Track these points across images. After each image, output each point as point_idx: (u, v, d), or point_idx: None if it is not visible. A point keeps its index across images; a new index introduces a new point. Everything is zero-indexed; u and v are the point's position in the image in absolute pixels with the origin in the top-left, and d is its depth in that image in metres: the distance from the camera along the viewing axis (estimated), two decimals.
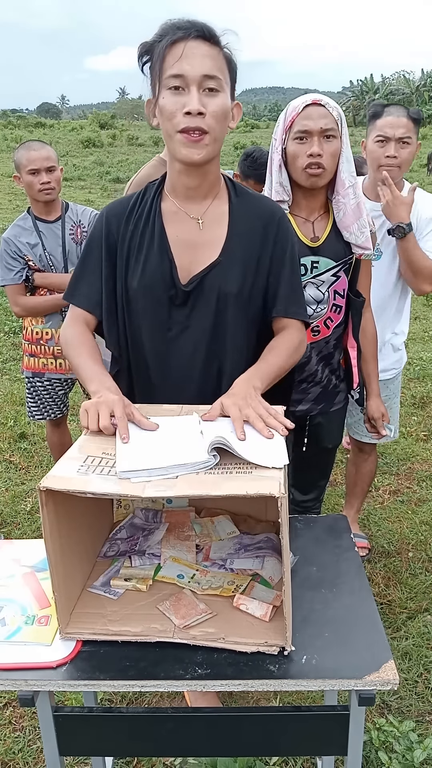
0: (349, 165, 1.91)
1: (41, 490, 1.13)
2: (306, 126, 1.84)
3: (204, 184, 1.54)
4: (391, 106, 2.39)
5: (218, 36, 1.42)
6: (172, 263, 1.54)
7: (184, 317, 1.57)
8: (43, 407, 3.08)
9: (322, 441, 2.25)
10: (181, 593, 1.33)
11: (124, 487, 1.14)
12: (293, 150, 1.88)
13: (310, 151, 1.84)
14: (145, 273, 1.55)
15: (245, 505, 1.58)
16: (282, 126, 1.91)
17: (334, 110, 1.86)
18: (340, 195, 1.93)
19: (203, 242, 1.56)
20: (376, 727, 2.00)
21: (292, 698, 2.16)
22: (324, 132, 1.84)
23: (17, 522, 3.23)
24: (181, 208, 1.56)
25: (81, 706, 2.00)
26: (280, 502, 1.10)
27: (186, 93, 1.39)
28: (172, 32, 1.39)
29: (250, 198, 1.62)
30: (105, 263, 1.58)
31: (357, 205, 1.94)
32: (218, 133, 1.44)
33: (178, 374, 1.59)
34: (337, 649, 1.23)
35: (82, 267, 1.62)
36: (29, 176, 2.78)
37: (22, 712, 2.16)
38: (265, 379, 1.47)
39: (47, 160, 2.78)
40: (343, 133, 1.88)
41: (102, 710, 1.41)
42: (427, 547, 3.00)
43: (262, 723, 1.31)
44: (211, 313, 1.56)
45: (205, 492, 1.12)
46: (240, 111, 1.52)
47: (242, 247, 1.56)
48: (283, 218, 1.60)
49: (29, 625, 1.30)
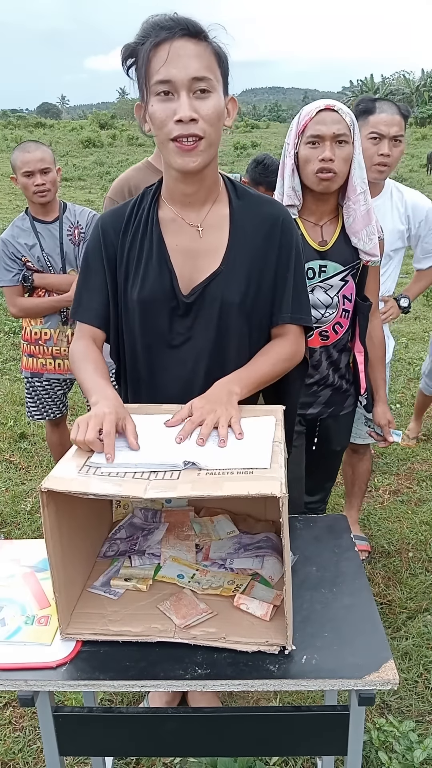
0: (360, 171, 1.92)
1: (42, 491, 1.13)
2: (319, 131, 1.85)
3: (202, 189, 1.49)
4: (383, 102, 2.36)
5: (205, 31, 1.34)
6: (172, 274, 1.51)
7: (185, 329, 1.53)
8: (43, 407, 3.08)
9: (331, 443, 2.26)
10: (181, 593, 1.33)
11: (125, 489, 1.14)
12: (305, 154, 1.89)
13: (322, 156, 1.85)
14: (145, 284, 1.51)
15: (245, 504, 1.58)
16: (295, 130, 1.92)
17: (347, 116, 1.86)
18: (351, 201, 1.94)
19: (203, 250, 1.51)
20: (376, 727, 2.00)
21: (292, 698, 2.16)
22: (336, 137, 1.85)
23: (17, 522, 3.23)
24: (180, 216, 1.52)
25: (81, 706, 2.00)
26: (282, 502, 1.10)
27: (176, 99, 1.33)
28: (155, 33, 1.32)
29: (253, 200, 1.57)
30: (108, 276, 1.55)
31: (367, 211, 1.95)
32: (213, 137, 1.39)
33: (179, 386, 1.55)
34: (337, 649, 1.23)
35: (83, 282, 1.58)
36: (24, 178, 2.77)
37: (22, 712, 2.16)
38: (246, 385, 1.45)
39: (41, 162, 2.75)
40: (355, 138, 1.88)
41: (102, 710, 1.41)
42: (427, 547, 3.00)
43: (262, 723, 1.31)
44: (214, 324, 1.52)
45: (207, 492, 1.12)
46: (235, 106, 1.46)
47: (245, 253, 1.51)
48: (286, 221, 1.55)
49: (29, 625, 1.30)
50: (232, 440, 1.29)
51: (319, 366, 2.08)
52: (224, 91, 1.41)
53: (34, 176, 2.76)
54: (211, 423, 1.31)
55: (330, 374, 2.12)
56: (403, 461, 3.78)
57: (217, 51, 1.37)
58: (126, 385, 1.65)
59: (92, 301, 1.57)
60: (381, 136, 2.32)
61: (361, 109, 2.39)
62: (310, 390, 2.12)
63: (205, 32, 1.35)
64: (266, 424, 1.36)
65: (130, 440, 1.27)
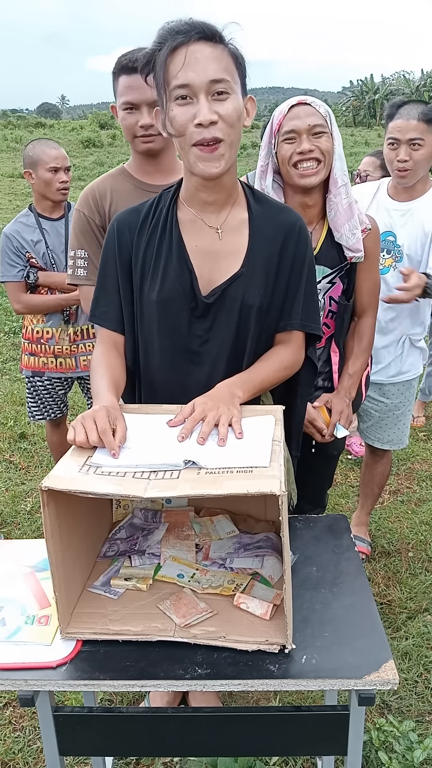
0: (341, 162, 1.87)
1: (43, 490, 1.13)
2: (294, 126, 1.81)
3: (222, 194, 1.48)
4: (405, 106, 2.36)
5: (220, 33, 1.34)
6: (192, 274, 1.49)
7: (204, 330, 1.52)
8: (44, 407, 3.08)
9: (327, 448, 2.20)
10: (181, 592, 1.33)
11: (125, 488, 1.14)
12: (284, 153, 1.84)
13: (300, 149, 1.80)
14: (165, 285, 1.49)
15: (245, 504, 1.58)
16: (269, 132, 1.88)
17: (320, 107, 1.82)
18: (332, 194, 1.90)
19: (224, 252, 1.50)
20: (376, 727, 2.00)
21: (292, 698, 2.16)
22: (312, 129, 1.80)
23: (17, 522, 3.23)
24: (199, 217, 1.50)
25: (81, 706, 2.00)
26: (281, 500, 1.10)
27: (195, 102, 1.33)
28: (171, 38, 1.32)
29: (271, 205, 1.56)
30: (120, 276, 1.53)
31: (349, 205, 1.90)
32: (234, 139, 1.37)
33: (197, 388, 1.49)
34: (337, 648, 1.23)
35: (101, 285, 1.57)
36: (48, 173, 2.77)
37: (22, 712, 2.16)
38: (249, 389, 1.45)
39: (66, 160, 2.80)
40: (333, 130, 1.84)
41: (102, 710, 1.41)
42: (427, 547, 3.00)
43: (262, 723, 1.30)
44: (233, 326, 1.51)
45: (206, 491, 1.12)
46: (254, 105, 1.44)
47: (264, 257, 1.50)
48: (302, 229, 1.54)
49: (29, 625, 1.29)
50: (232, 439, 1.29)
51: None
52: (243, 92, 1.40)
53: (59, 172, 2.77)
54: (212, 420, 1.31)
55: (321, 376, 2.08)
56: (403, 461, 3.78)
57: (234, 52, 1.37)
58: (140, 388, 1.63)
59: (111, 305, 1.55)
60: (397, 141, 2.34)
61: (386, 115, 2.43)
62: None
63: (221, 34, 1.34)
64: (266, 423, 1.36)
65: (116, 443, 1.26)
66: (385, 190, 2.53)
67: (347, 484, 3.56)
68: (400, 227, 2.45)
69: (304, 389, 1.68)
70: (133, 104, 1.89)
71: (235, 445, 1.27)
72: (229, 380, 1.45)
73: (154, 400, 1.56)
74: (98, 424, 1.27)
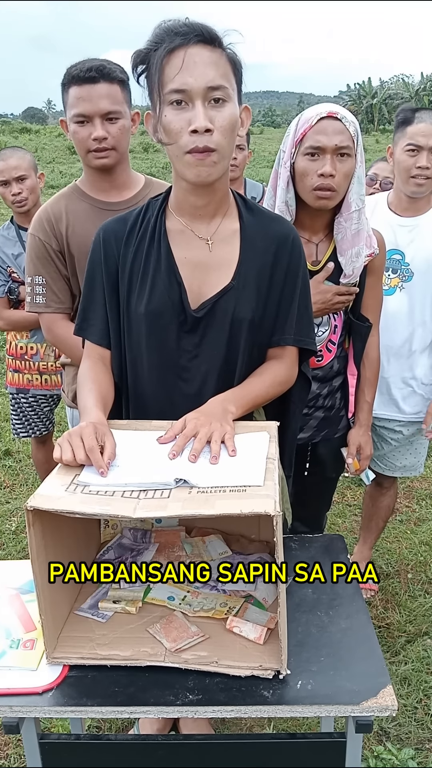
0: (359, 187, 1.80)
1: (28, 510, 1.10)
2: (319, 142, 1.71)
3: (213, 202, 1.43)
4: (423, 111, 2.28)
5: (220, 37, 1.29)
6: (181, 287, 1.44)
7: (193, 345, 1.48)
8: (29, 424, 3.03)
9: (325, 470, 2.15)
10: (171, 615, 1.30)
11: (114, 508, 1.11)
12: (303, 167, 1.75)
13: (321, 170, 1.71)
14: (153, 297, 1.44)
15: (237, 524, 1.55)
16: (292, 138, 1.78)
17: (351, 125, 1.72)
18: (343, 218, 1.83)
19: (214, 264, 1.46)
20: (374, 755, 1.96)
21: (286, 725, 2.11)
22: (338, 150, 1.71)
23: (1, 542, 3.17)
24: (188, 228, 1.46)
25: (68, 733, 1.95)
26: (276, 521, 1.07)
27: (190, 108, 1.28)
28: (169, 39, 1.27)
29: (264, 216, 1.52)
30: (107, 289, 1.50)
31: (357, 232, 1.84)
32: (227, 149, 1.34)
33: (187, 404, 1.44)
34: (333, 673, 1.20)
35: (87, 297, 1.53)
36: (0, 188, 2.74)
37: (6, 740, 2.11)
38: (241, 405, 1.42)
39: (15, 170, 2.70)
40: (358, 151, 1.75)
41: (90, 737, 1.38)
42: (427, 568, 2.96)
43: (256, 751, 1.27)
44: (224, 341, 1.47)
45: (198, 511, 1.09)
46: (249, 115, 1.42)
47: (255, 269, 1.47)
48: (296, 241, 1.51)
49: (14, 649, 1.26)
50: (225, 457, 1.26)
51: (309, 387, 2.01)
52: (238, 100, 1.37)
53: (9, 185, 2.71)
54: (204, 437, 1.28)
55: (322, 395, 2.04)
56: (402, 480, 3.75)
57: (232, 58, 1.33)
58: (128, 403, 1.59)
59: (97, 318, 1.52)
60: (419, 148, 2.23)
61: (399, 120, 2.32)
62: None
63: (221, 39, 1.30)
64: (260, 440, 1.33)
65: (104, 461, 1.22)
66: (386, 205, 2.42)
67: (344, 503, 3.52)
68: (408, 244, 2.36)
69: (297, 406, 1.65)
70: (85, 116, 1.84)
71: (227, 463, 1.25)
72: (222, 395, 1.42)
73: (142, 417, 1.52)
74: (85, 441, 1.23)
